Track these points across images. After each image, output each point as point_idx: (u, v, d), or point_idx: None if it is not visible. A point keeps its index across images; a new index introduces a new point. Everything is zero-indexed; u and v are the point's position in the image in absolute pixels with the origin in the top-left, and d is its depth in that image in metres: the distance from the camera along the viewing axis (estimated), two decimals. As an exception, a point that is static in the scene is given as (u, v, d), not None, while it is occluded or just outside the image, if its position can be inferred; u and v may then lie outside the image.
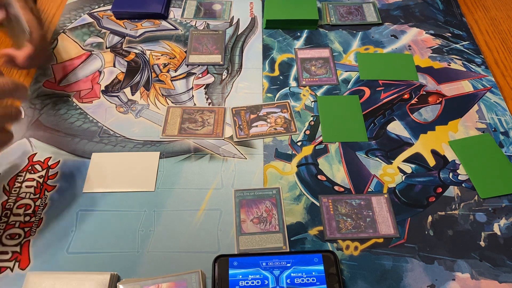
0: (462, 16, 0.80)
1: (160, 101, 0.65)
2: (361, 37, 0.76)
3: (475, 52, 0.73)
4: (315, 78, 0.69)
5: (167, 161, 0.58)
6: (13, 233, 0.51)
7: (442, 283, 0.48)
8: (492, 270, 0.49)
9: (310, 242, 0.51)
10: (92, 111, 0.63)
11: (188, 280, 0.46)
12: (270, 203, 0.54)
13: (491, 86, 0.68)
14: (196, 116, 0.63)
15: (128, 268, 0.48)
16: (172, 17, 0.79)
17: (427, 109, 0.65)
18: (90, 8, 0.80)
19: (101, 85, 0.67)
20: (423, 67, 0.71)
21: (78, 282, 0.45)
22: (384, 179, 0.57)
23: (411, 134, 0.62)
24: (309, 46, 0.74)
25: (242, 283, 0.46)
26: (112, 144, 0.60)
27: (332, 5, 0.81)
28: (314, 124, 0.63)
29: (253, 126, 0.62)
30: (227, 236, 0.51)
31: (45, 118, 0.62)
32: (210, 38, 0.74)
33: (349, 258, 0.50)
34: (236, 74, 0.69)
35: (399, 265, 0.49)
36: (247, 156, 0.59)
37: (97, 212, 0.53)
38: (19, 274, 0.47)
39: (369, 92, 0.67)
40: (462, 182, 0.57)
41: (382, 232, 0.52)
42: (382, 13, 0.80)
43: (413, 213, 0.54)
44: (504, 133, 0.62)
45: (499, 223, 0.53)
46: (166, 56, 0.72)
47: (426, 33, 0.77)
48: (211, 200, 0.54)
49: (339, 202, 0.54)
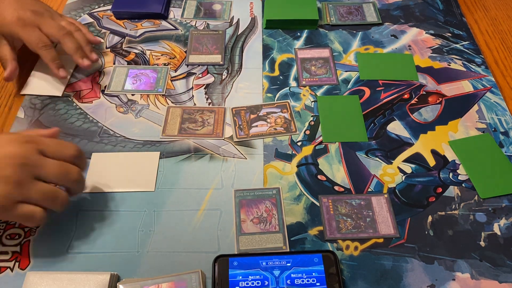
0: (462, 16, 0.80)
1: (160, 101, 0.65)
2: (361, 37, 0.76)
3: (475, 52, 0.73)
4: (315, 78, 0.69)
5: (167, 161, 0.58)
6: (13, 233, 0.51)
7: (442, 283, 0.48)
8: (492, 270, 0.49)
9: (310, 242, 0.51)
10: (92, 111, 0.63)
11: (188, 280, 0.46)
12: (270, 203, 0.54)
13: (491, 86, 0.68)
14: (196, 116, 0.63)
15: (128, 268, 0.48)
16: (172, 17, 0.79)
17: (427, 109, 0.65)
18: (90, 8, 0.80)
19: (101, 85, 0.67)
20: (423, 67, 0.71)
21: (78, 282, 0.45)
22: (384, 179, 0.57)
23: (411, 134, 0.62)
24: (309, 46, 0.74)
25: (242, 283, 0.46)
26: (112, 144, 0.60)
27: (332, 5, 0.81)
28: (314, 124, 0.63)
29: (253, 126, 0.62)
30: (227, 236, 0.51)
31: (45, 118, 0.62)
32: (210, 38, 0.74)
33: (349, 258, 0.50)
34: (236, 74, 0.69)
35: (399, 265, 0.49)
36: (247, 156, 0.59)
37: (97, 212, 0.53)
38: (19, 274, 0.47)
39: (369, 92, 0.67)
40: (462, 182, 0.57)
41: (382, 232, 0.52)
42: (382, 13, 0.80)
43: (413, 213, 0.54)
44: (504, 133, 0.62)
45: (499, 223, 0.53)
46: (166, 56, 0.72)
47: (426, 33, 0.77)
48: (211, 200, 0.54)
49: (339, 202, 0.54)
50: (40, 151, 0.47)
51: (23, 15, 0.61)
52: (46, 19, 0.63)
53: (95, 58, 0.66)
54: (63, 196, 0.48)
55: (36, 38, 0.61)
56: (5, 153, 0.45)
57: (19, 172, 0.45)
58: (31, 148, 0.46)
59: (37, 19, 0.62)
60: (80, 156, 0.50)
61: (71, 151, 0.49)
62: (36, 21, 0.62)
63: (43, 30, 0.62)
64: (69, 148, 0.49)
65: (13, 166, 0.44)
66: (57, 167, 0.47)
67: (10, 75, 0.61)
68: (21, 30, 0.61)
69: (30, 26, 0.61)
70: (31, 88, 0.65)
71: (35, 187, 0.45)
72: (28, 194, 0.45)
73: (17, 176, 0.44)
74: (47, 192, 0.46)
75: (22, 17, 0.61)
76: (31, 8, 0.62)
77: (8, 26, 0.61)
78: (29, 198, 0.45)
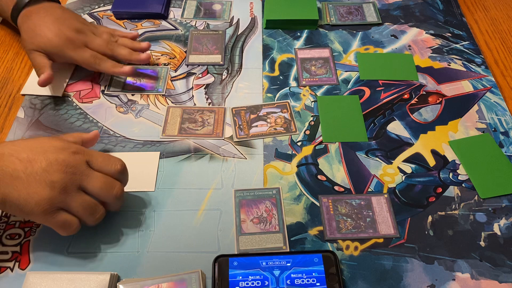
0: (462, 16, 0.80)
1: (160, 101, 0.65)
2: (361, 37, 0.76)
3: (475, 52, 0.73)
4: (315, 78, 0.69)
5: (167, 161, 0.58)
6: (13, 233, 0.51)
7: (442, 283, 0.48)
8: (492, 270, 0.49)
9: (310, 242, 0.51)
10: (92, 111, 0.63)
11: (188, 280, 0.46)
12: (270, 203, 0.54)
13: (491, 86, 0.68)
14: (196, 116, 0.63)
15: (128, 268, 0.48)
16: (172, 17, 0.79)
17: (427, 109, 0.65)
18: (90, 8, 0.80)
19: (101, 85, 0.67)
20: (423, 67, 0.71)
21: (78, 282, 0.45)
22: (384, 179, 0.57)
23: (411, 134, 0.62)
24: (309, 46, 0.74)
25: (242, 283, 0.46)
26: (112, 144, 0.60)
27: (332, 5, 0.81)
28: (314, 124, 0.63)
29: (253, 126, 0.62)
30: (227, 236, 0.51)
31: (45, 118, 0.62)
32: (210, 38, 0.74)
33: (349, 258, 0.50)
34: (236, 74, 0.69)
35: (399, 265, 0.49)
36: (247, 156, 0.59)
37: (97, 212, 0.53)
38: (19, 274, 0.47)
39: (369, 92, 0.67)
40: (462, 182, 0.57)
41: (382, 232, 0.52)
42: (382, 13, 0.80)
43: (413, 213, 0.54)
44: (504, 133, 0.62)
45: (499, 223, 0.53)
46: (166, 56, 0.72)
47: (426, 33, 0.77)
48: (211, 200, 0.54)
49: (339, 202, 0.54)
50: (87, 162, 0.48)
51: (70, 36, 0.62)
52: (89, 35, 0.65)
53: (148, 46, 0.69)
54: (102, 211, 0.49)
55: (90, 57, 0.63)
56: (56, 159, 0.46)
57: (66, 180, 0.45)
58: (80, 158, 0.47)
59: (83, 38, 0.64)
60: (124, 172, 0.51)
61: (117, 167, 0.49)
62: (83, 40, 0.64)
63: (91, 47, 0.64)
64: (115, 163, 0.50)
65: (62, 173, 0.45)
66: (102, 180, 0.48)
67: (45, 82, 0.61)
68: (73, 52, 0.63)
69: (80, 47, 0.63)
70: (31, 88, 0.65)
71: (78, 198, 0.46)
72: (70, 203, 0.46)
73: (64, 183, 0.45)
74: (88, 205, 0.47)
75: (71, 38, 0.62)
76: (73, 26, 0.64)
77: (58, 48, 0.62)
78: (70, 207, 0.46)
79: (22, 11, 0.64)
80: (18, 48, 0.72)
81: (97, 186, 0.47)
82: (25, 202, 0.44)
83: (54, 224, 0.46)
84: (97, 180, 0.47)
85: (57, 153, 0.46)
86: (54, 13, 0.64)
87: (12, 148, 0.46)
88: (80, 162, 0.47)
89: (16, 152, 0.45)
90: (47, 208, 0.44)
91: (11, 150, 0.45)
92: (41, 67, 0.61)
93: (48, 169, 0.45)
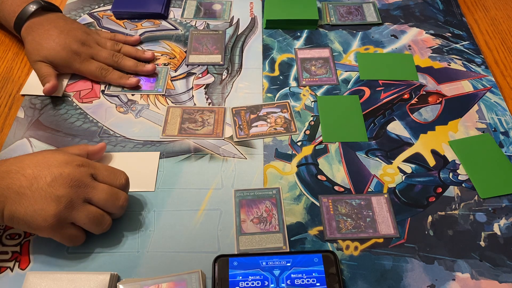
0: (462, 16, 0.80)
1: (160, 101, 0.65)
2: (361, 37, 0.76)
3: (475, 52, 0.73)
4: (315, 78, 0.69)
5: (167, 161, 0.58)
6: (13, 233, 0.51)
7: (442, 283, 0.48)
8: (492, 270, 0.49)
9: (310, 242, 0.51)
10: (92, 111, 0.63)
11: (188, 280, 0.46)
12: (270, 203, 0.54)
13: (491, 86, 0.68)
14: (196, 116, 0.63)
15: (128, 268, 0.48)
16: (172, 17, 0.79)
17: (427, 109, 0.65)
18: (90, 8, 0.80)
19: (101, 85, 0.67)
20: (423, 67, 0.71)
21: (78, 282, 0.45)
22: (384, 179, 0.57)
23: (411, 134, 0.62)
24: (309, 46, 0.74)
25: (242, 283, 0.46)
26: (112, 144, 0.60)
27: (332, 5, 0.81)
28: (314, 124, 0.63)
29: (253, 126, 0.62)
30: (227, 236, 0.51)
31: (45, 118, 0.62)
32: (210, 38, 0.74)
33: (349, 258, 0.50)
34: (236, 74, 0.69)
35: (399, 265, 0.49)
36: (247, 156, 0.59)
37: (97, 212, 0.53)
38: (19, 274, 0.47)
39: (369, 92, 0.67)
40: (462, 182, 0.57)
41: (382, 232, 0.52)
42: (382, 13, 0.80)
43: (413, 213, 0.54)
44: (504, 133, 0.62)
45: (499, 223, 0.53)
46: (166, 56, 0.72)
47: (426, 33, 0.77)
48: (211, 200, 0.54)
49: (339, 202, 0.54)
50: (92, 175, 0.48)
51: (76, 49, 0.64)
52: (94, 47, 0.66)
53: (152, 56, 0.70)
54: (109, 221, 0.49)
55: (96, 69, 0.64)
56: (61, 173, 0.46)
57: (71, 194, 0.46)
58: (84, 171, 0.48)
59: (88, 50, 0.65)
60: (128, 185, 0.51)
61: (122, 181, 0.50)
62: (89, 53, 0.65)
63: (97, 59, 0.65)
64: (120, 177, 0.50)
65: (67, 187, 0.46)
66: (107, 192, 0.48)
67: (51, 90, 0.62)
68: (79, 65, 0.64)
69: (86, 59, 0.64)
70: (31, 88, 0.65)
71: (84, 210, 0.46)
72: (76, 216, 0.46)
73: (69, 197, 0.45)
74: (95, 216, 0.47)
75: (77, 52, 0.64)
76: (77, 38, 0.64)
77: (65, 60, 0.63)
78: (76, 220, 0.47)
79: (26, 23, 0.65)
80: (18, 48, 0.72)
81: (102, 198, 0.47)
82: (32, 219, 0.44)
83: (61, 238, 0.47)
84: (102, 192, 0.48)
85: (61, 167, 0.46)
86: (58, 25, 0.65)
87: (18, 165, 0.46)
88: (84, 175, 0.47)
89: (21, 169, 0.46)
90: (54, 223, 0.45)
91: (17, 167, 0.46)
92: (46, 76, 0.62)
93: (53, 184, 0.45)
